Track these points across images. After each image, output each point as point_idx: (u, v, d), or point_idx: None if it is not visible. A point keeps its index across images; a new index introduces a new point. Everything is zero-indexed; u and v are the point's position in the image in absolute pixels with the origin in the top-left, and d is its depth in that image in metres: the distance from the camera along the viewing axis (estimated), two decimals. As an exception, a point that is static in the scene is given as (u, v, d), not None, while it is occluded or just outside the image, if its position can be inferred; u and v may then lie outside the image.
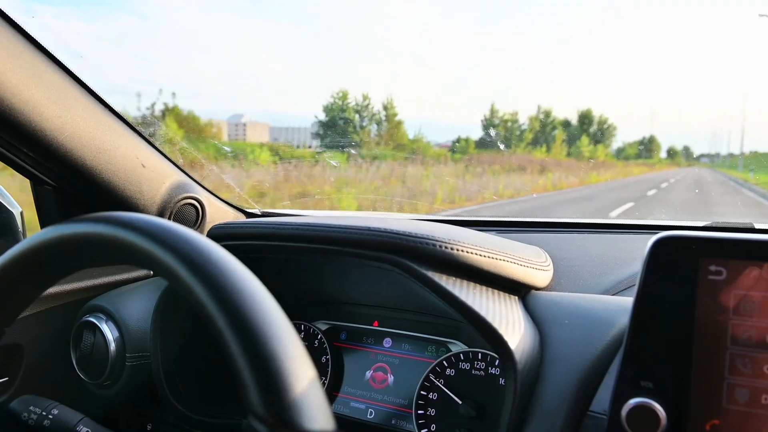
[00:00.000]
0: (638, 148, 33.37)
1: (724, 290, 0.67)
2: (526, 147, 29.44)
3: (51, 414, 0.87)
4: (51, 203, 1.19)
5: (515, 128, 33.20)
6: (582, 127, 36.88)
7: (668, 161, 27.05)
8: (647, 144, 33.78)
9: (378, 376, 1.12)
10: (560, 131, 33.31)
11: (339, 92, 23.81)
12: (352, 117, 22.04)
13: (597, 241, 1.22)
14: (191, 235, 0.53)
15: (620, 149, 34.35)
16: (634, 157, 30.62)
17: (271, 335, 0.47)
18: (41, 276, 0.64)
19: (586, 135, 30.63)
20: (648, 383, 0.69)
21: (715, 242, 0.68)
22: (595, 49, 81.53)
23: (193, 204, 1.29)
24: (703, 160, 14.69)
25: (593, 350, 0.82)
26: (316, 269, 1.11)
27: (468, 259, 0.88)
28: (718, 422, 0.66)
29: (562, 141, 27.78)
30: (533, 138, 32.44)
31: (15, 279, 0.62)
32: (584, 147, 27.03)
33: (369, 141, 19.87)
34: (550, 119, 35.77)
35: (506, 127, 32.69)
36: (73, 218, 0.59)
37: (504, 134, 30.93)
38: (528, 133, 32.56)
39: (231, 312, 0.48)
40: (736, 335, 0.66)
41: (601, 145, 30.54)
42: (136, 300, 1.15)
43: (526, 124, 34.40)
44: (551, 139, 31.50)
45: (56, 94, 0.99)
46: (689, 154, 21.97)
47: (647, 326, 0.70)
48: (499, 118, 32.29)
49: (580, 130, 37.11)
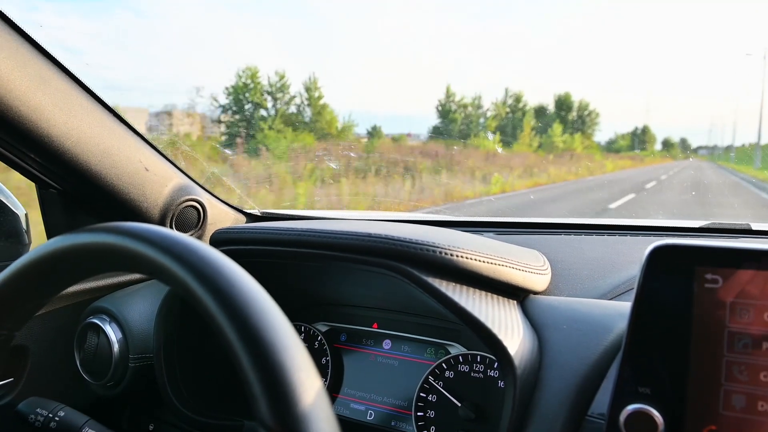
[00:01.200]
0: (631, 139, 28.26)
1: (720, 297, 0.69)
2: (494, 137, 25.72)
3: (57, 416, 0.88)
4: (56, 206, 1.21)
5: (476, 115, 28.62)
6: (559, 113, 31.91)
7: (663, 153, 23.28)
8: (640, 135, 28.23)
9: (378, 377, 1.13)
10: (528, 117, 28.34)
11: (247, 69, 20.55)
12: (260, 100, 19.58)
13: (595, 243, 1.23)
14: (200, 247, 0.54)
15: (611, 141, 29.37)
16: (626, 149, 26.39)
17: (281, 348, 0.48)
18: (50, 283, 0.65)
19: (560, 122, 26.35)
20: (646, 389, 0.70)
21: (711, 251, 0.69)
22: (584, 32, 73.12)
23: (194, 206, 1.30)
24: (701, 152, 13.01)
25: (591, 355, 0.83)
26: (317, 271, 1.12)
27: (467, 264, 0.89)
28: (714, 428, 0.67)
29: (531, 130, 23.52)
30: (498, 126, 28.53)
31: (26, 286, 0.64)
32: (557, 137, 23.28)
33: (281, 129, 16.18)
34: (521, 105, 30.57)
35: (466, 113, 28.43)
36: (84, 228, 0.60)
37: (460, 123, 27.41)
38: (491, 121, 28.41)
39: (240, 324, 0.49)
40: (733, 342, 0.68)
41: (579, 134, 26.22)
42: (139, 302, 1.16)
43: (492, 111, 29.24)
44: (520, 128, 26.25)
45: (62, 100, 1.00)
46: (686, 146, 19.46)
47: (645, 333, 0.71)
48: (457, 103, 28.04)
49: (558, 117, 31.19)
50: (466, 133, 27.22)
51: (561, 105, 32.09)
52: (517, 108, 29.76)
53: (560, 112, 31.64)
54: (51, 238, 0.62)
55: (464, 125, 28.10)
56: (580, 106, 32.93)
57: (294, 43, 55.67)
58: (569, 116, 31.10)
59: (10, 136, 0.97)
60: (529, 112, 29.76)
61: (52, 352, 1.14)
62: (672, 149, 21.29)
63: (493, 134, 27.75)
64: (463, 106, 29.12)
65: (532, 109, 30.45)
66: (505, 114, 29.13)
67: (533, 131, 23.38)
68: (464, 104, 29.18)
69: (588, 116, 32.83)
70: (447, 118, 28.08)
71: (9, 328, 0.67)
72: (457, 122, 27.75)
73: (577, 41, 72.67)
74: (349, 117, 29.48)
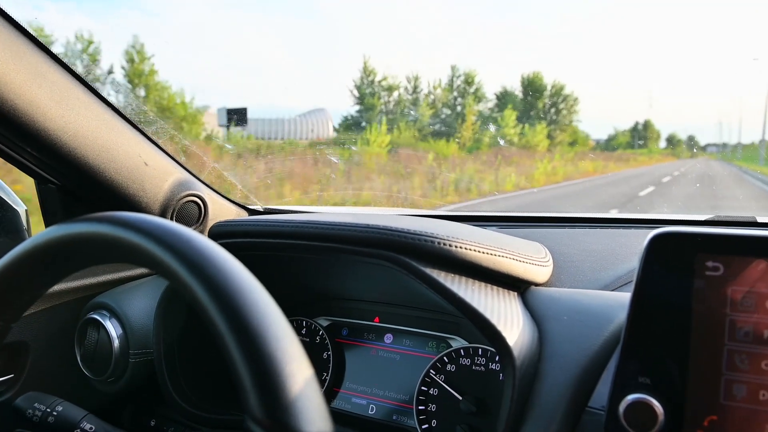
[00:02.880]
0: (630, 135, 24.59)
1: (721, 286, 0.68)
2: (428, 127, 19.34)
3: (55, 410, 0.88)
4: (55, 202, 1.20)
5: (403, 101, 22.46)
6: (527, 99, 24.75)
7: (667, 151, 19.55)
8: (641, 131, 24.57)
9: (379, 371, 1.12)
10: (471, 103, 21.99)
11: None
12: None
13: (597, 236, 1.22)
14: (192, 236, 0.54)
15: (611, 137, 25.24)
16: (625, 146, 22.68)
17: (269, 338, 0.47)
18: (46, 274, 0.65)
19: (511, 108, 19.95)
20: (646, 379, 0.69)
21: (712, 238, 0.68)
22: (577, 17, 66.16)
23: (195, 201, 1.30)
24: (711, 149, 10.31)
25: (592, 346, 0.82)
26: (318, 266, 1.11)
27: (467, 255, 0.88)
28: (715, 418, 0.66)
29: (473, 121, 18.13)
30: (436, 114, 22.37)
31: (21, 276, 0.63)
32: (509, 128, 17.87)
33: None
34: (473, 87, 23.90)
35: (390, 97, 22.10)
36: (78, 218, 0.60)
37: (377, 111, 21.18)
38: (425, 108, 21.89)
39: (229, 314, 0.48)
40: (734, 331, 0.67)
41: (542, 125, 19.63)
42: (140, 297, 1.15)
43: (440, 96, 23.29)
44: (463, 118, 20.50)
45: (59, 93, 1.00)
46: (694, 143, 15.44)
47: (645, 322, 0.70)
48: (379, 84, 22.09)
49: (523, 104, 24.29)
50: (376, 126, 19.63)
51: (529, 88, 24.92)
52: (467, 92, 23.44)
53: (528, 97, 24.65)
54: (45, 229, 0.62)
55: (392, 113, 21.62)
56: (554, 88, 25.12)
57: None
58: (539, 102, 24.45)
59: (6, 129, 0.96)
60: (471, 96, 23.07)
61: (53, 348, 1.14)
62: (677, 147, 17.79)
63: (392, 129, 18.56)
64: (388, 88, 22.43)
65: (482, 94, 23.68)
66: (447, 100, 23.15)
67: (479, 120, 18.69)
68: (390, 86, 22.37)
69: (563, 102, 25.28)
70: (363, 105, 21.39)
71: (5, 320, 0.67)
72: (375, 110, 21.16)
73: (572, 26, 62.82)
74: (193, 96, 22.87)
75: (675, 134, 26.32)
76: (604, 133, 34.68)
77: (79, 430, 0.87)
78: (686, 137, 25.33)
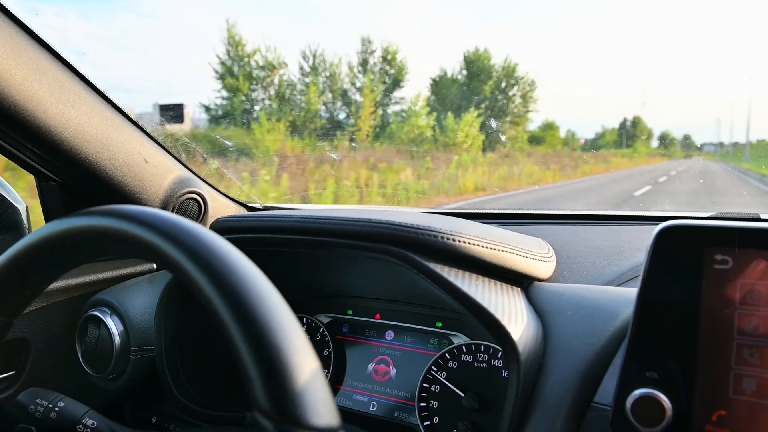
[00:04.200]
0: (618, 134, 20.84)
1: (730, 280, 0.67)
2: (313, 122, 14.60)
3: (57, 406, 0.87)
4: (56, 199, 1.20)
5: (284, 83, 16.45)
6: (470, 83, 19.18)
7: (657, 151, 16.42)
8: (629, 129, 20.69)
9: (380, 368, 1.12)
10: (368, 89, 15.95)
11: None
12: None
13: (601, 233, 1.21)
14: (196, 228, 0.53)
15: (598, 135, 21.41)
16: (613, 146, 18.93)
17: (276, 329, 0.47)
18: (47, 269, 0.64)
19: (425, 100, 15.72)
20: (653, 374, 0.69)
21: (721, 231, 0.68)
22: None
23: (195, 198, 1.29)
24: (707, 149, 9.08)
25: (597, 341, 0.82)
26: (319, 262, 1.10)
27: (470, 250, 0.88)
28: (724, 413, 0.65)
29: (371, 111, 14.12)
30: (330, 103, 17.17)
31: (21, 272, 0.63)
32: (417, 117, 13.77)
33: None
34: (392, 68, 18.51)
35: (272, 78, 16.07)
36: (78, 212, 0.59)
37: (241, 96, 15.50)
38: (312, 95, 15.93)
39: (235, 306, 0.47)
40: (743, 325, 0.66)
41: (471, 115, 14.21)
42: (141, 294, 1.15)
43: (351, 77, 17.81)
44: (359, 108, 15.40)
45: (59, 90, 0.99)
46: (690, 143, 13.80)
47: (652, 316, 0.70)
48: (245, 55, 15.85)
49: (461, 90, 18.85)
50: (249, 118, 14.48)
51: (472, 68, 19.18)
52: (386, 72, 18.07)
53: (472, 80, 18.82)
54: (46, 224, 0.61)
55: (272, 100, 15.99)
56: (505, 70, 19.25)
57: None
58: (484, 87, 18.66)
59: (6, 126, 0.96)
60: (375, 79, 16.97)
61: (54, 345, 1.13)
62: (670, 146, 14.14)
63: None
64: (264, 67, 15.91)
65: (402, 76, 17.97)
66: (337, 86, 17.80)
67: (378, 108, 13.90)
68: (268, 63, 16.11)
69: (513, 86, 19.21)
70: (226, 87, 16.16)
71: (8, 315, 0.66)
72: (237, 96, 15.83)
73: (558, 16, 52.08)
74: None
75: (668, 132, 23.12)
76: (592, 131, 30.49)
77: (81, 425, 0.87)
78: (682, 136, 22.20)
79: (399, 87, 18.54)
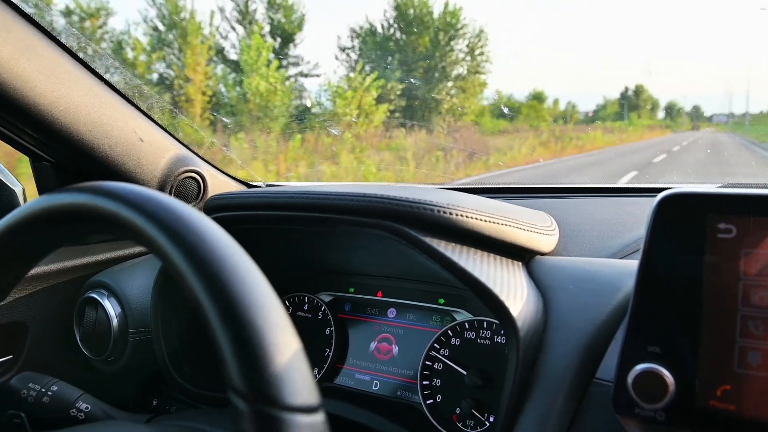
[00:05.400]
0: (619, 104, 18.58)
1: (734, 249, 0.64)
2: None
3: (50, 390, 0.87)
4: (50, 180, 1.18)
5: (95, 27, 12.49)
6: (409, 35, 15.06)
7: (662, 122, 14.94)
8: (630, 98, 18.18)
9: (383, 347, 1.10)
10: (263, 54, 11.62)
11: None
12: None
13: (605, 206, 1.19)
14: (169, 201, 0.51)
15: (600, 107, 19.16)
16: (612, 118, 16.73)
17: (250, 304, 0.45)
18: (32, 248, 0.63)
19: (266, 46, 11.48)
20: (655, 348, 0.66)
21: (724, 198, 0.65)
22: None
23: (194, 177, 1.27)
24: (718, 119, 8.32)
25: (599, 315, 0.79)
26: (319, 240, 1.09)
27: (467, 223, 0.85)
28: (729, 387, 0.63)
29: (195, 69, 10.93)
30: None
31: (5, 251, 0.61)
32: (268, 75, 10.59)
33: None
34: (267, 14, 14.09)
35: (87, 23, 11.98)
36: (55, 190, 0.57)
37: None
38: (138, 50, 12.61)
39: (208, 280, 0.46)
40: (748, 296, 0.63)
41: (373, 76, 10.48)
42: (138, 275, 1.14)
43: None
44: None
45: (49, 67, 0.97)
46: (699, 113, 12.11)
47: (654, 288, 0.67)
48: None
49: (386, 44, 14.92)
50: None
51: (404, 21, 14.98)
52: (272, 21, 12.89)
53: (412, 32, 14.56)
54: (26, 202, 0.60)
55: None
56: (443, 18, 14.59)
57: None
58: (420, 41, 14.16)
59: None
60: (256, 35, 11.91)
61: (51, 328, 1.12)
62: (677, 117, 12.56)
63: None
64: (86, 14, 12.34)
65: (294, 27, 13.76)
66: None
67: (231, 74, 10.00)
68: (85, 10, 12.36)
69: (458, 39, 14.58)
70: None
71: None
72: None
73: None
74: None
75: (675, 102, 20.15)
76: (592, 103, 27.77)
77: (74, 409, 0.86)
78: (691, 107, 19.84)
79: (292, 42, 13.98)
